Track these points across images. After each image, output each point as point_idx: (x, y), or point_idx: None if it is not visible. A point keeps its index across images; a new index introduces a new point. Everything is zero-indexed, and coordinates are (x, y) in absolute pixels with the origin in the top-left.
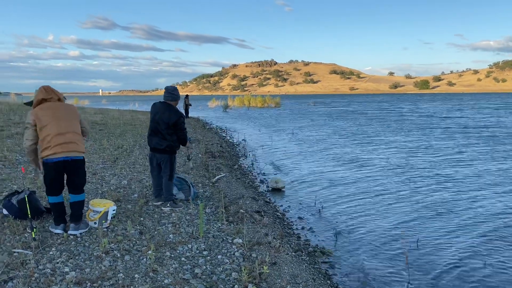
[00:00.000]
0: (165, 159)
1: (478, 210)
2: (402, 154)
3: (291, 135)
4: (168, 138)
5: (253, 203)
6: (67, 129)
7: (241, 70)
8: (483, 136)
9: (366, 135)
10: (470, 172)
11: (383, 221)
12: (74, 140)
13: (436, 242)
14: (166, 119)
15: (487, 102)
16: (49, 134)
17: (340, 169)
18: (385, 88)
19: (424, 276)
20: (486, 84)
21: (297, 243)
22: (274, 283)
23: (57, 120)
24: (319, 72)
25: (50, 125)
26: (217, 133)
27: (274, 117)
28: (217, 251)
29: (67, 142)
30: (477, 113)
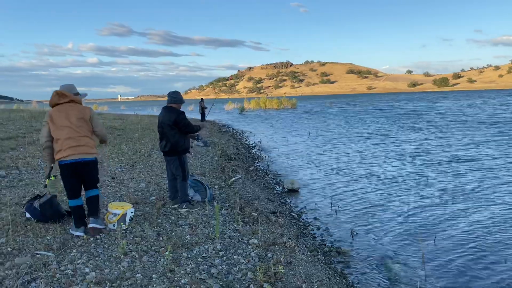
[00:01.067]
0: (173, 161)
1: (498, 208)
2: (419, 154)
3: (306, 136)
4: (171, 140)
5: (268, 204)
6: (77, 133)
7: (256, 73)
8: (498, 132)
9: (382, 135)
10: (489, 169)
11: (400, 221)
12: (84, 142)
13: (454, 241)
14: (167, 121)
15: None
16: (60, 137)
17: (357, 169)
18: (403, 87)
19: (441, 276)
20: (508, 80)
21: (313, 243)
22: (289, 282)
23: (69, 123)
24: (336, 72)
25: (62, 128)
26: (233, 136)
27: (290, 118)
28: (233, 252)
29: (77, 145)
30: (491, 109)
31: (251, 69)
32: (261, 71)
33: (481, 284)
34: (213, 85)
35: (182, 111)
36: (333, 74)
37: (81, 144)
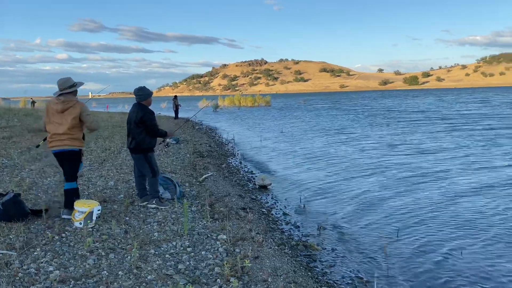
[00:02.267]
0: (139, 158)
1: (459, 203)
2: (385, 149)
3: (280, 133)
4: (136, 137)
5: (239, 201)
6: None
7: (231, 70)
8: (457, 126)
9: (352, 131)
10: (452, 163)
11: (365, 216)
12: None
13: (416, 233)
14: (134, 118)
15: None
16: (50, 130)
17: (326, 165)
18: (374, 85)
19: (402, 268)
20: (474, 79)
21: (281, 237)
22: (256, 276)
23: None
24: (309, 70)
25: (50, 122)
26: (206, 133)
27: (264, 116)
28: (201, 248)
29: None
30: (455, 106)
31: (226, 67)
32: (236, 69)
33: (440, 275)
34: (187, 82)
35: (151, 111)
36: (307, 72)
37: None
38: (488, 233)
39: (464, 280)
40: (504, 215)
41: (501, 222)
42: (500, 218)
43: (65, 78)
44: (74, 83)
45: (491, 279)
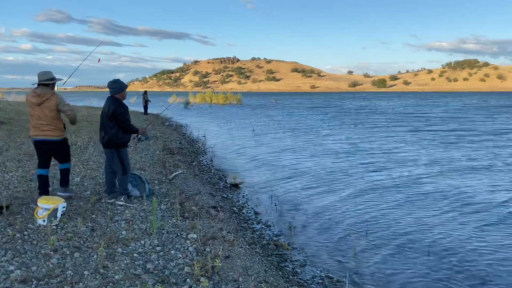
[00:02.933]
0: (111, 153)
1: (425, 201)
2: (352, 148)
3: (251, 131)
4: (108, 132)
5: (209, 199)
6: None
7: (203, 67)
8: (420, 128)
9: (321, 131)
10: (416, 163)
11: (335, 214)
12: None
13: (383, 232)
14: (107, 112)
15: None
16: (32, 120)
17: (297, 164)
18: (344, 87)
19: (372, 266)
20: (439, 84)
21: (252, 236)
22: (227, 276)
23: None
24: (281, 70)
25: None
26: (176, 130)
27: (235, 114)
28: (170, 247)
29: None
30: (419, 108)
31: (197, 63)
32: (208, 65)
33: (409, 273)
34: (157, 78)
35: (124, 105)
36: (278, 72)
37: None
38: (457, 228)
39: (434, 275)
40: (474, 210)
41: (472, 219)
42: (470, 213)
43: (46, 71)
44: (53, 77)
45: (461, 272)
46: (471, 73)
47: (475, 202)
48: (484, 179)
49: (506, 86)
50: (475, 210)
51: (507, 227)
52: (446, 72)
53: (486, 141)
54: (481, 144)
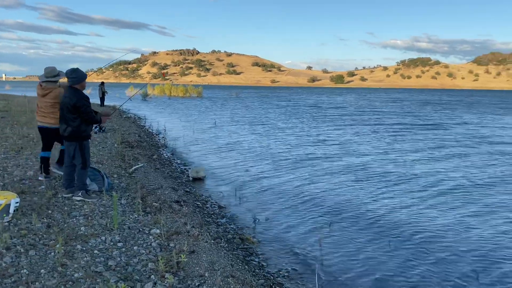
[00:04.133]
0: (73, 146)
1: (388, 193)
2: (310, 142)
3: (212, 124)
4: (70, 124)
5: (172, 193)
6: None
7: (161, 58)
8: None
9: (281, 124)
10: (379, 157)
11: (300, 206)
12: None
13: (348, 224)
14: (67, 103)
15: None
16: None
17: (259, 157)
18: (303, 82)
19: (337, 258)
20: (394, 80)
21: (217, 231)
22: (192, 271)
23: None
24: (242, 63)
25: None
26: (134, 122)
27: (196, 107)
28: (132, 243)
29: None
30: (371, 103)
31: (156, 54)
32: (167, 57)
33: (371, 264)
34: (114, 69)
35: (85, 96)
36: (239, 65)
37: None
38: (417, 211)
39: (398, 266)
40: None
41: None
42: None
43: (51, 69)
44: (57, 74)
45: (421, 263)
46: (424, 71)
47: (427, 184)
48: (419, 164)
49: (456, 84)
50: (430, 193)
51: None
52: (400, 69)
53: (424, 131)
54: (419, 134)
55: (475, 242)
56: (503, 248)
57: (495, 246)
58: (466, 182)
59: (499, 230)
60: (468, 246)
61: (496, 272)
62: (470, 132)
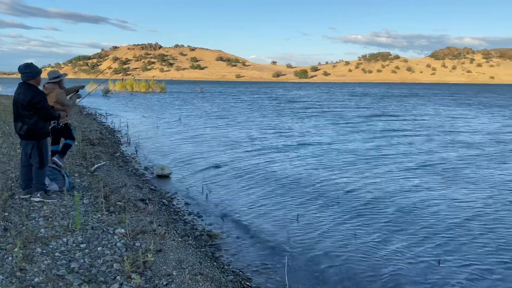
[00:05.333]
0: (30, 145)
1: (352, 185)
2: (277, 133)
3: (177, 120)
4: (27, 122)
5: (137, 191)
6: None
7: (122, 53)
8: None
9: (247, 118)
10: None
11: (267, 201)
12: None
13: (316, 218)
14: (22, 100)
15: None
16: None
17: (225, 152)
18: (268, 77)
19: (305, 250)
20: (356, 75)
21: (184, 228)
22: (160, 270)
23: None
24: (206, 58)
25: None
26: (95, 119)
27: (159, 102)
28: (96, 243)
29: None
30: (333, 97)
31: (117, 49)
32: (128, 52)
33: (341, 255)
34: (73, 64)
35: (41, 91)
36: (203, 60)
37: None
38: (384, 213)
39: (364, 261)
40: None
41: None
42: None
43: (53, 71)
44: (57, 76)
45: (388, 259)
46: (384, 65)
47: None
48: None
49: (414, 77)
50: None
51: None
52: (361, 64)
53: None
54: (375, 123)
55: (438, 217)
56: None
57: (452, 219)
58: (412, 163)
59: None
60: (428, 221)
61: (456, 248)
62: (419, 122)
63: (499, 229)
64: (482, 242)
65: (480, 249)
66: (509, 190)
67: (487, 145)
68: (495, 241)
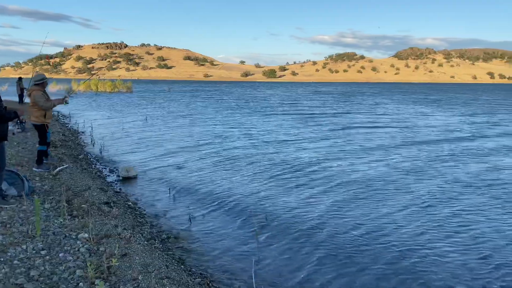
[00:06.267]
0: None
1: (315, 181)
2: (245, 133)
3: (143, 121)
4: None
5: (101, 194)
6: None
7: (86, 52)
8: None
9: (215, 118)
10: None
11: (234, 202)
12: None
13: (282, 217)
14: None
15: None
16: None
17: (193, 153)
18: (237, 76)
19: (273, 249)
20: (323, 75)
21: (150, 231)
22: (125, 275)
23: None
24: (173, 57)
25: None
26: (58, 120)
27: (125, 102)
28: (58, 249)
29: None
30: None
31: (80, 48)
32: (92, 51)
33: (306, 257)
34: (34, 63)
35: None
36: (170, 59)
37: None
38: (346, 204)
39: (329, 261)
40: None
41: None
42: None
43: (38, 74)
44: (41, 79)
45: (353, 250)
46: (350, 65)
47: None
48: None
49: (379, 77)
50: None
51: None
52: (328, 64)
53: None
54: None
55: (386, 223)
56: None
57: (397, 222)
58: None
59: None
60: (375, 228)
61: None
62: (373, 119)
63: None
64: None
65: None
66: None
67: (428, 135)
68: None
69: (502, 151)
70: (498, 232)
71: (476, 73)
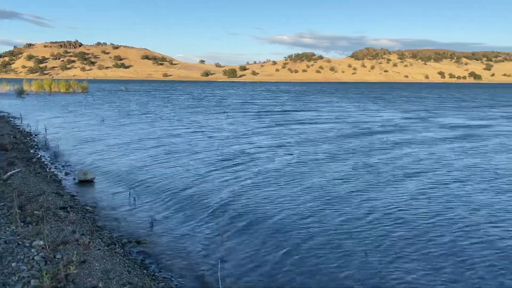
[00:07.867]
0: None
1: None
2: (201, 129)
3: (100, 121)
4: None
5: (57, 199)
6: None
7: (38, 51)
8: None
9: (172, 118)
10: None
11: (195, 204)
12: None
13: (247, 214)
14: None
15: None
16: None
17: (151, 154)
18: (197, 76)
19: (238, 252)
20: (283, 74)
21: (110, 236)
22: (84, 283)
23: None
24: (130, 56)
25: None
26: (8, 122)
27: (81, 103)
28: (10, 259)
29: None
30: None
31: (32, 47)
32: (45, 50)
33: (272, 257)
34: None
35: None
36: (127, 58)
37: None
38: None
39: (293, 262)
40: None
41: None
42: None
43: None
44: None
45: (307, 257)
46: (309, 65)
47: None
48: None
49: (337, 77)
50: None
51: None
52: (288, 64)
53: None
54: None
55: (350, 208)
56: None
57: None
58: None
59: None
60: (338, 217)
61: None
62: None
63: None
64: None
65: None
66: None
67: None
68: None
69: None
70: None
71: (428, 72)
